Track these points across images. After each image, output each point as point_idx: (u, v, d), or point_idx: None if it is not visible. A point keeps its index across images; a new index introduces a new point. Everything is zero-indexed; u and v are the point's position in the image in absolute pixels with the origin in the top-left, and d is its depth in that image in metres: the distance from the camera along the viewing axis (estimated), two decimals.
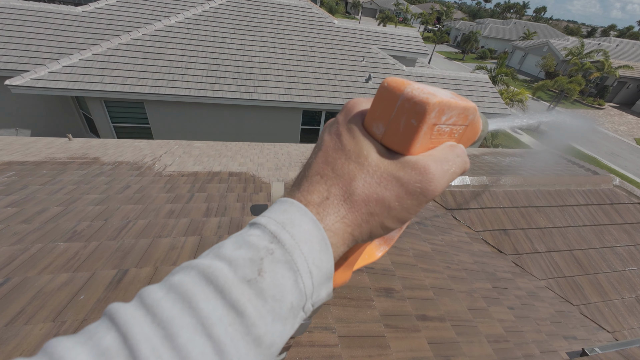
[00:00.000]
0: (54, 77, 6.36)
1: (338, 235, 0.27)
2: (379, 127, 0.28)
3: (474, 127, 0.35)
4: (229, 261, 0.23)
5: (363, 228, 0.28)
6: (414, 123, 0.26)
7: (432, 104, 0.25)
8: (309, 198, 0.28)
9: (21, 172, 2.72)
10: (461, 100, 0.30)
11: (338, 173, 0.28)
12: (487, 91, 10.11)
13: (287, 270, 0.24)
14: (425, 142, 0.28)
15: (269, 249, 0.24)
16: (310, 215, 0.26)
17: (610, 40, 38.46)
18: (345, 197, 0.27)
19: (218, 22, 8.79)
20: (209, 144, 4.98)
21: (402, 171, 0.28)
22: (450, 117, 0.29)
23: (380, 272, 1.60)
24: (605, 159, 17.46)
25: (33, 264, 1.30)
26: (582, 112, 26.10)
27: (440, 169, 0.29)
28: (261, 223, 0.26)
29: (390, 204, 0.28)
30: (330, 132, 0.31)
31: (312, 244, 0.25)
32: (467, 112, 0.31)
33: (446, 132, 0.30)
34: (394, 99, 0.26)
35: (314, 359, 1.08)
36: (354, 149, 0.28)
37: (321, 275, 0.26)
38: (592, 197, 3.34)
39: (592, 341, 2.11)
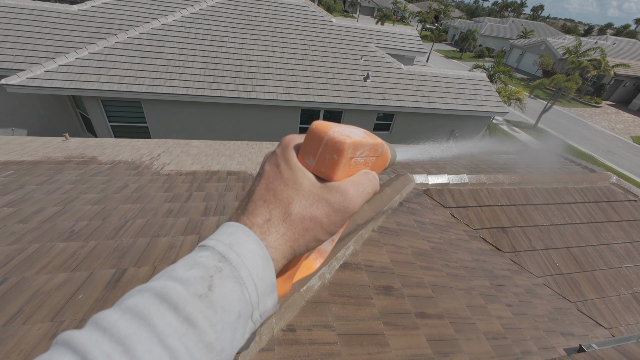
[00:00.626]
0: (50, 76, 6.31)
1: (278, 250, 0.32)
2: (309, 159, 0.35)
3: (384, 157, 0.45)
4: (182, 281, 0.26)
5: (300, 242, 0.33)
6: (336, 157, 0.34)
7: (348, 144, 0.33)
8: (253, 220, 0.32)
9: (18, 172, 2.70)
10: (371, 139, 0.39)
11: (278, 197, 0.34)
12: (485, 90, 10.13)
13: (234, 284, 0.27)
14: (346, 170, 0.36)
15: (218, 267, 0.28)
16: (253, 236, 0.31)
17: (607, 39, 38.61)
18: (284, 217, 0.33)
19: (216, 21, 8.75)
20: (207, 143, 4.97)
21: (329, 194, 0.34)
22: (363, 151, 0.37)
23: (379, 270, 1.60)
24: (602, 157, 17.55)
25: (31, 264, 1.29)
26: (578, 111, 26.21)
27: (357, 190, 0.36)
28: (210, 245, 0.29)
29: (322, 220, 0.34)
30: (270, 162, 0.37)
31: (256, 260, 0.30)
32: (376, 147, 0.41)
33: (361, 162, 0.38)
34: (320, 139, 0.34)
35: (313, 356, 1.08)
36: (290, 177, 0.34)
37: (265, 287, 0.30)
38: (589, 194, 3.36)
39: (590, 337, 2.13)
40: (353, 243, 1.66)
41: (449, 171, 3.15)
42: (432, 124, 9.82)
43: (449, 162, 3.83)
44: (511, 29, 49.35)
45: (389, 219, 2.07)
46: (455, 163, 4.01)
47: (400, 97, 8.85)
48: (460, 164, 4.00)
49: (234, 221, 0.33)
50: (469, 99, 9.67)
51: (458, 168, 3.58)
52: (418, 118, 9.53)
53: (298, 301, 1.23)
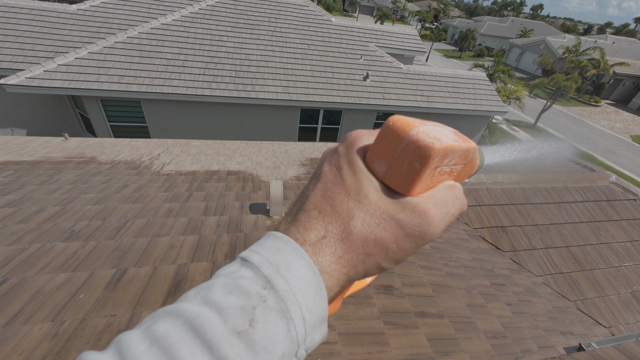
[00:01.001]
0: (49, 76, 6.30)
1: (333, 277, 0.27)
2: (380, 165, 0.28)
3: (472, 163, 0.35)
4: (219, 310, 0.22)
5: (359, 268, 0.27)
6: (417, 166, 0.26)
7: (436, 150, 0.25)
8: (305, 236, 0.27)
9: (18, 172, 2.70)
10: (464, 142, 0.30)
11: (337, 209, 0.27)
12: (485, 89, 10.13)
13: (280, 320, 0.23)
14: (427, 183, 0.28)
15: (262, 296, 0.23)
16: (306, 257, 0.25)
17: (606, 38, 38.63)
18: (342, 237, 0.27)
19: (215, 20, 8.74)
20: (206, 143, 4.97)
21: (402, 213, 0.27)
22: (452, 159, 0.29)
23: None
24: (601, 156, 17.58)
25: (31, 264, 1.29)
26: (578, 110, 26.23)
27: (440, 212, 0.28)
28: (254, 263, 0.25)
29: (388, 245, 0.27)
30: (330, 163, 0.30)
31: (307, 288, 0.25)
32: (468, 153, 0.32)
33: (446, 172, 0.30)
34: (398, 140, 0.26)
35: (314, 356, 1.09)
36: (354, 185, 0.28)
37: (314, 320, 0.25)
38: (588, 193, 3.37)
39: (589, 336, 2.14)
40: None
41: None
42: None
43: None
44: (511, 28, 49.35)
45: None
46: None
47: (400, 97, 8.85)
48: None
49: (283, 232, 0.28)
50: (469, 98, 9.67)
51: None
52: (418, 117, 9.51)
53: None
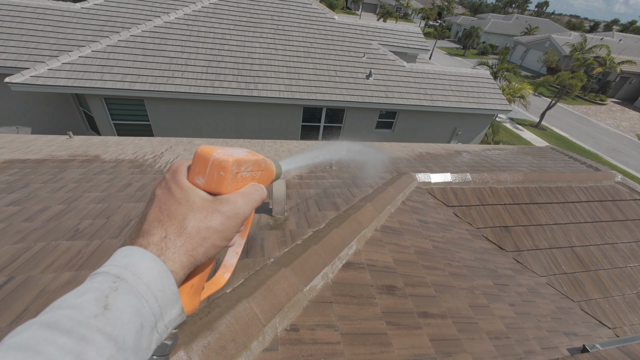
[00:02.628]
0: (53, 75, 6.34)
1: (176, 262, 0.34)
2: (199, 179, 0.39)
3: (269, 170, 0.52)
4: (73, 307, 0.26)
5: (199, 250, 0.37)
6: (222, 174, 0.39)
7: (231, 161, 0.39)
8: (149, 240, 0.35)
9: (22, 170, 2.72)
10: (252, 156, 0.46)
11: (172, 215, 0.37)
12: (488, 87, 10.05)
13: (132, 299, 0.29)
14: (234, 184, 0.41)
15: (113, 287, 0.29)
16: (149, 253, 0.33)
17: (613, 35, 38.12)
18: (180, 232, 0.36)
19: (218, 18, 8.73)
20: (209, 142, 4.97)
21: (220, 205, 0.39)
22: (247, 167, 0.44)
23: (382, 270, 1.60)
24: (607, 155, 17.39)
25: (36, 263, 1.30)
26: (583, 109, 25.96)
27: (245, 199, 0.42)
28: (103, 271, 0.31)
29: (217, 227, 0.38)
30: (160, 187, 0.40)
31: (153, 274, 0.31)
32: (259, 163, 0.47)
33: (248, 177, 0.45)
34: (206, 160, 0.39)
35: (316, 356, 1.09)
36: (183, 197, 0.38)
37: (166, 297, 0.32)
38: (593, 193, 3.33)
39: (593, 337, 2.12)
40: (356, 242, 1.66)
41: (452, 170, 3.13)
42: (434, 121, 9.77)
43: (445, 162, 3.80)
44: (515, 25, 48.84)
45: (391, 218, 2.07)
46: (457, 161, 3.99)
47: (403, 95, 8.81)
48: (463, 162, 3.98)
49: (129, 244, 0.35)
50: (472, 97, 9.60)
51: (461, 167, 3.56)
52: (421, 116, 9.48)
53: (301, 301, 1.24)
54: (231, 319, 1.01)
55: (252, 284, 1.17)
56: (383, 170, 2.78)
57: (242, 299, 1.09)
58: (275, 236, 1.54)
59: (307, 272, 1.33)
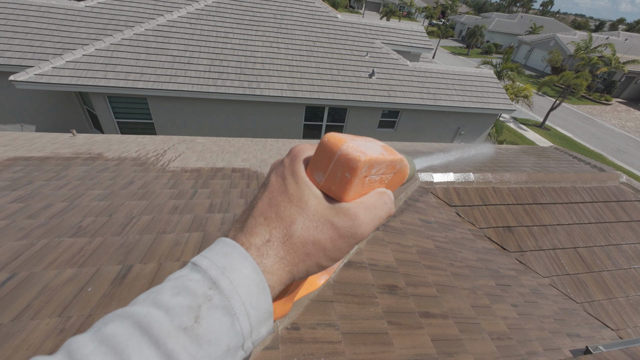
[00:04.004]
0: (57, 73, 6.37)
1: (276, 276, 0.30)
2: (319, 175, 0.32)
3: (402, 173, 0.41)
4: (166, 309, 0.25)
5: (300, 267, 0.31)
6: (348, 176, 0.31)
7: (362, 162, 0.30)
8: (252, 240, 0.30)
9: (27, 168, 2.74)
10: (389, 155, 0.36)
11: (281, 216, 0.31)
12: (492, 87, 9.99)
13: (224, 315, 0.26)
14: (358, 190, 0.33)
15: (208, 295, 0.26)
16: (250, 259, 0.29)
17: (618, 35, 37.72)
18: (285, 240, 0.31)
19: (220, 17, 8.73)
20: (212, 140, 4.98)
21: (336, 217, 0.32)
22: (379, 169, 0.34)
23: (384, 269, 1.60)
24: (611, 156, 17.24)
25: (39, 259, 1.31)
26: (588, 109, 25.74)
27: (369, 215, 0.33)
28: (202, 266, 0.28)
29: (325, 245, 0.31)
30: (276, 173, 0.34)
31: (251, 287, 0.28)
32: (394, 164, 0.37)
33: (376, 180, 0.35)
34: (332, 154, 0.31)
35: (317, 355, 1.09)
36: (296, 194, 0.32)
37: (259, 316, 0.28)
38: (597, 194, 3.30)
39: (596, 339, 2.11)
40: None
41: (454, 169, 3.12)
42: (437, 121, 9.73)
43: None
44: (520, 24, 48.47)
45: (393, 217, 2.06)
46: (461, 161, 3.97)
47: (406, 94, 8.77)
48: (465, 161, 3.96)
49: (231, 238, 0.31)
50: (476, 96, 9.55)
51: (463, 166, 3.54)
52: (423, 115, 9.44)
53: (302, 300, 1.23)
54: None
55: None
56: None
57: None
58: None
59: None
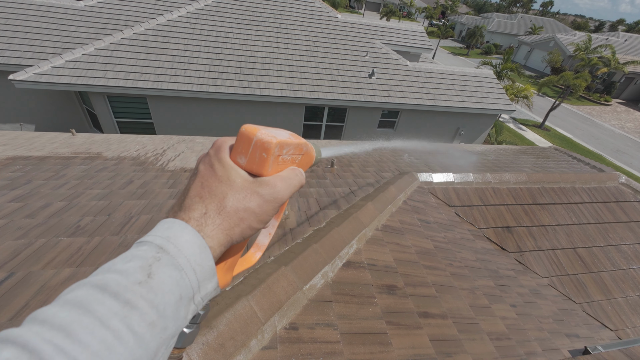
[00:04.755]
0: (57, 72, 6.36)
1: (215, 239, 0.36)
2: (241, 158, 0.39)
3: (309, 155, 0.50)
4: (120, 272, 0.28)
5: (235, 230, 0.37)
6: (265, 155, 0.38)
7: (274, 143, 0.38)
8: (190, 215, 0.36)
9: (25, 167, 2.73)
10: (295, 139, 0.45)
11: (213, 193, 0.37)
12: (492, 87, 9.99)
13: (173, 270, 0.30)
14: (275, 167, 0.41)
15: (156, 257, 0.30)
16: (190, 228, 0.34)
17: (618, 35, 37.77)
18: (219, 210, 0.36)
19: (221, 17, 8.72)
20: (211, 140, 4.98)
21: (259, 187, 0.39)
22: (289, 150, 0.43)
23: (383, 269, 1.59)
24: (611, 156, 17.25)
25: (37, 259, 1.30)
26: (587, 109, 25.76)
27: (285, 184, 0.42)
28: (147, 240, 0.32)
29: (255, 210, 0.38)
30: (204, 162, 0.40)
31: (193, 248, 0.33)
32: (300, 146, 0.46)
33: (289, 160, 0.44)
34: (250, 140, 0.38)
35: (315, 355, 1.08)
36: (224, 175, 0.38)
37: (204, 272, 0.33)
38: (597, 194, 3.31)
39: (595, 339, 2.11)
40: (356, 241, 1.65)
41: (454, 169, 3.11)
42: (437, 121, 9.73)
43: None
44: (519, 25, 48.50)
45: (392, 217, 2.06)
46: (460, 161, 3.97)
47: (406, 94, 8.77)
48: (467, 161, 3.95)
49: (172, 217, 0.36)
50: (475, 97, 9.55)
51: (463, 166, 3.54)
52: (423, 115, 9.44)
53: (301, 299, 1.23)
54: (230, 317, 1.01)
55: (251, 282, 1.17)
56: None
57: (242, 297, 1.08)
58: (276, 234, 1.53)
59: (307, 270, 1.32)
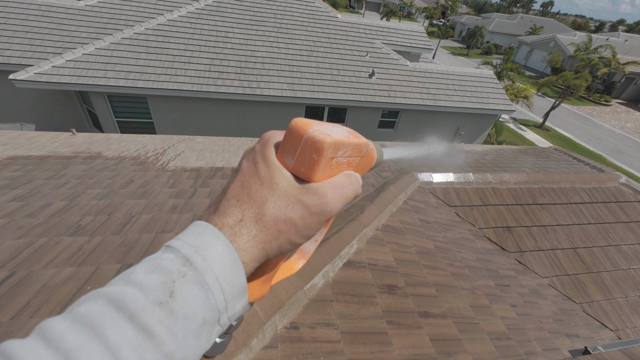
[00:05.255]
0: (57, 72, 6.37)
1: (249, 252, 0.31)
2: (288, 158, 0.34)
3: (369, 157, 0.44)
4: (140, 286, 0.25)
5: (273, 244, 0.33)
6: (315, 157, 0.33)
7: (328, 143, 0.32)
8: (224, 220, 0.31)
9: (26, 166, 2.74)
10: (354, 138, 0.38)
11: (252, 197, 0.33)
12: (492, 87, 10.00)
13: (199, 290, 0.27)
14: (327, 171, 0.35)
15: (181, 271, 0.27)
16: (222, 237, 0.30)
17: (618, 36, 37.79)
18: (257, 219, 0.32)
19: (221, 16, 8.73)
20: (211, 140, 4.98)
21: (305, 196, 0.33)
22: (346, 151, 0.36)
23: (383, 269, 1.60)
24: (611, 157, 17.25)
25: (38, 258, 1.31)
26: (587, 109, 25.76)
27: (336, 194, 0.35)
28: (175, 247, 0.28)
29: (297, 222, 0.33)
30: (248, 159, 0.36)
31: (224, 263, 0.29)
32: (360, 147, 0.39)
33: (344, 163, 0.37)
34: (299, 137, 0.33)
35: (316, 354, 1.09)
36: (267, 176, 0.33)
37: (233, 291, 0.29)
38: (597, 194, 3.31)
39: (595, 339, 2.11)
40: (357, 241, 1.65)
41: (454, 170, 3.12)
42: (437, 121, 9.73)
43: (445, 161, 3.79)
44: (520, 25, 48.50)
45: (393, 217, 2.06)
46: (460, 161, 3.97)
47: (406, 95, 8.77)
48: (465, 161, 3.96)
49: (204, 221, 0.32)
50: (476, 97, 9.55)
51: (463, 166, 3.54)
52: (423, 115, 9.45)
53: (301, 299, 1.23)
54: None
55: None
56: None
57: None
58: None
59: (308, 270, 1.32)
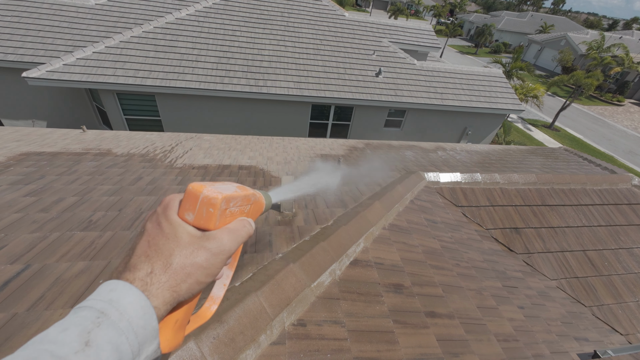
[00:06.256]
0: (68, 70, 6.47)
1: (159, 297, 0.35)
2: (189, 215, 0.41)
3: (258, 204, 0.54)
4: (55, 342, 0.27)
5: (182, 286, 0.37)
6: (212, 211, 0.41)
7: (219, 199, 0.41)
8: (135, 275, 0.35)
9: (38, 163, 2.80)
10: (242, 191, 0.48)
11: (160, 251, 0.37)
12: (501, 87, 9.86)
13: (113, 335, 0.29)
14: (223, 220, 0.43)
15: (96, 322, 0.29)
16: (134, 289, 0.33)
17: (632, 34, 36.84)
18: (166, 268, 0.37)
19: (228, 15, 8.76)
20: (218, 137, 5.01)
21: (207, 242, 0.40)
22: (236, 202, 0.45)
23: (390, 268, 1.59)
24: (623, 158, 16.88)
25: (52, 252, 1.34)
26: (599, 109, 25.22)
27: (232, 236, 0.43)
28: (87, 305, 0.31)
29: (202, 264, 0.39)
30: (151, 221, 0.41)
31: (136, 309, 0.32)
32: (248, 198, 0.49)
33: (237, 211, 0.46)
34: (196, 198, 0.41)
35: (323, 352, 1.09)
36: (171, 232, 0.39)
37: (146, 334, 0.32)
38: (608, 196, 3.25)
39: (605, 343, 2.08)
40: (364, 240, 1.65)
41: (461, 169, 3.09)
42: (444, 121, 9.64)
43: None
44: (530, 23, 47.65)
45: (400, 216, 2.06)
46: (467, 161, 3.93)
47: (413, 94, 8.70)
48: (473, 161, 3.91)
49: (115, 279, 0.35)
50: (484, 96, 9.43)
51: (470, 167, 3.51)
52: (430, 115, 9.37)
53: (309, 296, 1.24)
54: (240, 312, 1.02)
55: (260, 279, 1.18)
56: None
57: (251, 293, 1.10)
58: (283, 232, 1.54)
59: (315, 268, 1.33)
